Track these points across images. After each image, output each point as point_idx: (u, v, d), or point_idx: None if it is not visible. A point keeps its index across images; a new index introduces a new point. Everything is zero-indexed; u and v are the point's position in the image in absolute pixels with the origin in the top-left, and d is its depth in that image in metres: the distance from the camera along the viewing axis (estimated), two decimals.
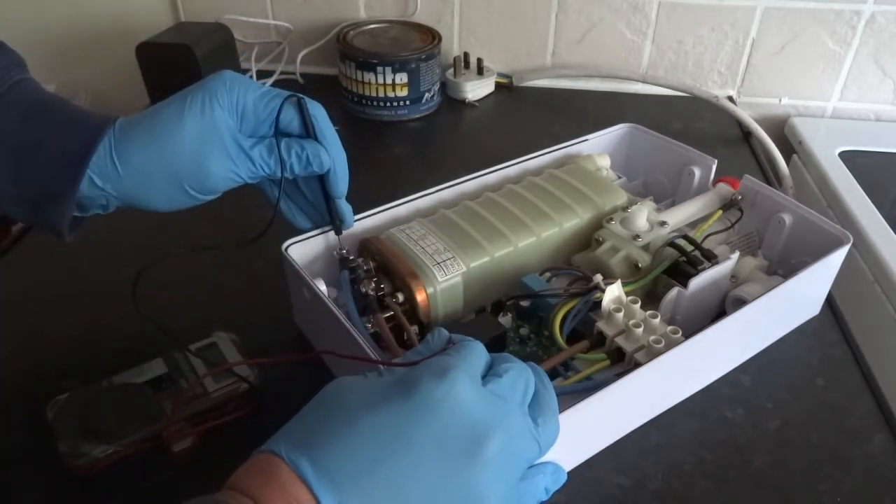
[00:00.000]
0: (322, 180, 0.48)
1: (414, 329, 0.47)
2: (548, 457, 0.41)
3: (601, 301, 0.47)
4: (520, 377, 0.33)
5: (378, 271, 0.50)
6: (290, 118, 0.44)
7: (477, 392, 0.31)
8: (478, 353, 0.33)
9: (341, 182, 0.48)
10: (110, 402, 0.45)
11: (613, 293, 0.48)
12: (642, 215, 0.54)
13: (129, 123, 0.41)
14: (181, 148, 0.40)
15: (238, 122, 0.43)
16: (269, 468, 0.28)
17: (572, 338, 0.48)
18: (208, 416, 0.45)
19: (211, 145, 0.41)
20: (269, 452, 0.28)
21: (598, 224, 0.55)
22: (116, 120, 0.41)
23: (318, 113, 0.46)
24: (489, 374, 0.33)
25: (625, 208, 0.55)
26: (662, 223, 0.54)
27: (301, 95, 0.45)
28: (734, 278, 0.53)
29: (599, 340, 0.47)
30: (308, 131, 0.45)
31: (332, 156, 0.46)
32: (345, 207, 0.50)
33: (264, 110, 0.43)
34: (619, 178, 0.65)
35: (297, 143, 0.45)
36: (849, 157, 0.85)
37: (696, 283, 0.49)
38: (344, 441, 0.28)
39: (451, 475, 0.29)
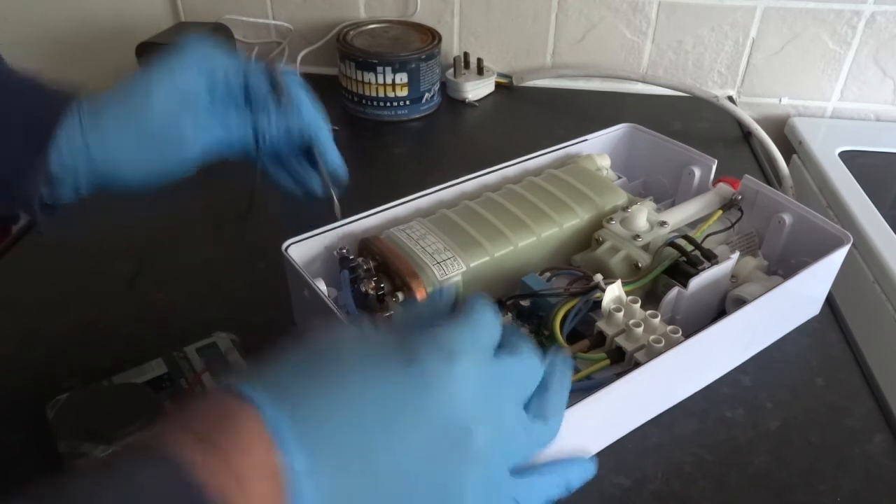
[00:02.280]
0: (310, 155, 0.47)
1: None
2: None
3: (601, 301, 0.47)
4: (527, 370, 0.30)
5: (378, 271, 0.50)
6: (261, 86, 0.43)
7: (479, 380, 0.27)
8: (489, 328, 0.29)
9: (328, 152, 0.47)
10: (111, 401, 0.45)
11: (613, 293, 0.48)
12: (642, 215, 0.54)
13: (99, 95, 0.40)
14: (152, 113, 0.39)
15: (209, 88, 0.41)
16: (233, 414, 0.23)
17: (572, 337, 0.48)
18: None
19: (182, 109, 0.40)
20: (238, 396, 0.24)
21: (598, 224, 0.55)
22: (84, 92, 0.40)
23: (290, 80, 0.44)
24: (498, 352, 0.29)
25: (625, 208, 0.55)
26: (662, 223, 0.54)
27: (274, 63, 0.44)
28: (734, 278, 0.53)
29: (599, 340, 0.47)
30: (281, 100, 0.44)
31: (307, 123, 0.44)
32: (334, 163, 0.48)
33: (235, 77, 0.42)
34: (619, 178, 0.65)
35: (272, 110, 0.43)
36: (849, 157, 0.85)
37: (696, 282, 0.49)
38: (333, 403, 0.24)
39: (432, 462, 0.26)
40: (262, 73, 0.43)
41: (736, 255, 0.51)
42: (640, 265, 0.51)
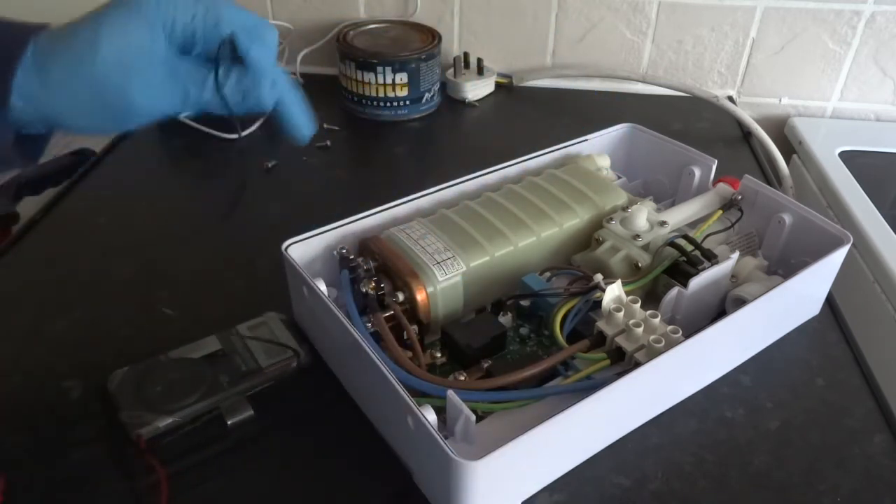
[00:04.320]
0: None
1: (414, 328, 0.47)
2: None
3: (601, 301, 0.47)
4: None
5: (378, 271, 0.50)
6: (225, 44, 0.39)
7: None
8: None
9: (300, 125, 0.43)
10: (168, 375, 0.47)
11: (613, 293, 0.48)
12: (642, 215, 0.54)
13: (55, 37, 0.37)
14: (99, 70, 0.36)
15: (166, 41, 0.37)
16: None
17: (572, 337, 0.48)
18: (262, 390, 0.48)
19: (132, 70, 0.36)
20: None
21: (598, 224, 0.55)
22: (41, 31, 0.37)
23: (256, 48, 0.40)
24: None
25: (625, 208, 0.55)
26: (662, 223, 0.54)
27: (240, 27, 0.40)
28: (734, 278, 0.53)
29: (599, 340, 0.47)
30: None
31: (277, 92, 0.41)
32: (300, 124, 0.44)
33: (200, 31, 0.38)
34: (619, 178, 0.65)
35: (237, 72, 0.39)
36: (849, 157, 0.85)
37: (696, 282, 0.49)
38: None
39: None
40: (226, 29, 0.39)
41: (736, 255, 0.51)
42: (640, 265, 0.51)
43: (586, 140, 0.65)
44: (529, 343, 0.51)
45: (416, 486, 0.43)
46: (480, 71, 0.93)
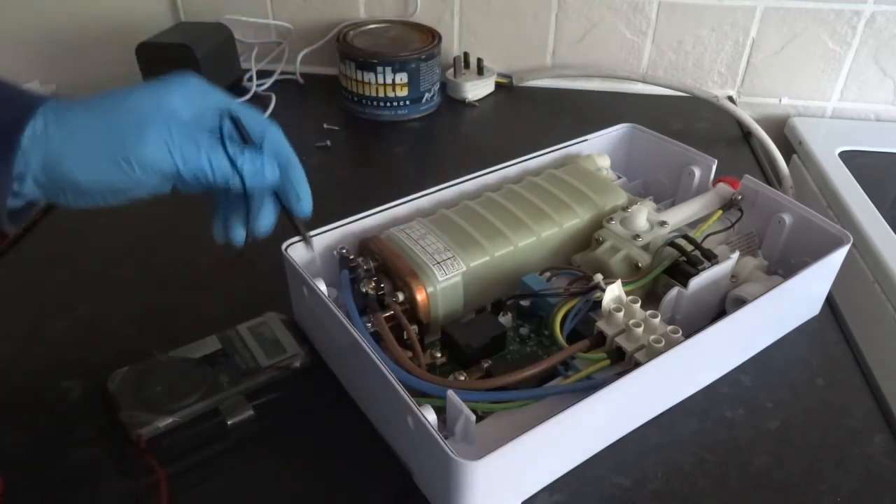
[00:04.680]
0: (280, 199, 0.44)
1: (414, 328, 0.47)
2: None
3: (601, 301, 0.47)
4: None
5: (378, 271, 0.50)
6: (247, 121, 0.41)
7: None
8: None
9: (304, 198, 0.43)
10: (168, 375, 0.47)
11: (613, 293, 0.48)
12: (642, 215, 0.54)
13: (71, 100, 0.38)
14: (121, 112, 0.37)
15: (193, 113, 0.39)
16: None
17: (572, 337, 0.48)
18: (262, 390, 0.48)
19: (154, 117, 0.37)
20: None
21: (598, 224, 0.55)
22: (51, 97, 0.37)
23: (273, 130, 0.42)
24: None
25: (625, 208, 0.55)
26: (662, 223, 0.54)
27: (250, 110, 0.42)
28: (734, 278, 0.53)
29: (599, 340, 0.47)
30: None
31: (282, 158, 0.42)
32: (305, 201, 0.44)
33: (215, 106, 0.40)
34: (619, 178, 0.65)
35: (250, 149, 0.41)
36: (849, 157, 0.85)
37: (696, 282, 0.49)
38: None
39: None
40: (242, 111, 0.41)
41: (736, 255, 0.51)
42: (640, 265, 0.51)
43: (586, 140, 0.65)
44: (529, 343, 0.51)
45: (416, 486, 0.43)
46: (480, 71, 0.93)
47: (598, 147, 0.66)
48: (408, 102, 0.86)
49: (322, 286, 0.47)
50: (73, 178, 0.36)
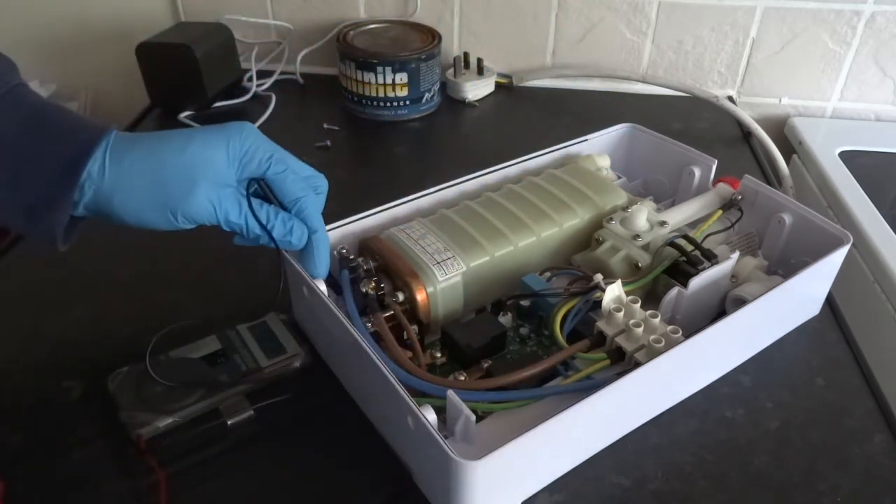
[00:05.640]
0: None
1: (414, 328, 0.47)
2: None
3: (601, 301, 0.47)
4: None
5: (378, 271, 0.50)
6: (284, 187, 0.44)
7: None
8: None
9: (319, 265, 0.47)
10: (167, 375, 0.47)
11: (613, 293, 0.48)
12: (642, 215, 0.54)
13: (132, 135, 0.41)
14: (175, 166, 0.40)
15: (238, 170, 0.42)
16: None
17: (572, 337, 0.48)
18: (262, 391, 0.48)
19: (205, 171, 0.40)
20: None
21: (598, 224, 0.55)
22: (113, 129, 0.40)
23: (302, 198, 0.45)
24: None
25: (625, 208, 0.55)
26: (662, 223, 0.54)
27: (316, 177, 0.46)
28: (734, 278, 0.53)
29: (599, 340, 0.47)
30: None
31: (313, 234, 0.45)
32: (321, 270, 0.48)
33: (262, 169, 0.43)
34: (619, 178, 0.65)
35: (284, 215, 0.44)
36: (849, 157, 0.85)
37: (696, 282, 0.49)
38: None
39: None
40: (282, 175, 0.44)
41: (736, 255, 0.51)
42: (640, 265, 0.51)
43: (586, 140, 0.65)
44: (529, 343, 0.51)
45: (416, 486, 0.43)
46: (480, 71, 0.93)
47: (598, 147, 0.66)
48: (408, 102, 0.86)
49: (322, 286, 0.47)
50: (120, 216, 0.40)
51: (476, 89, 0.93)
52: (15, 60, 0.42)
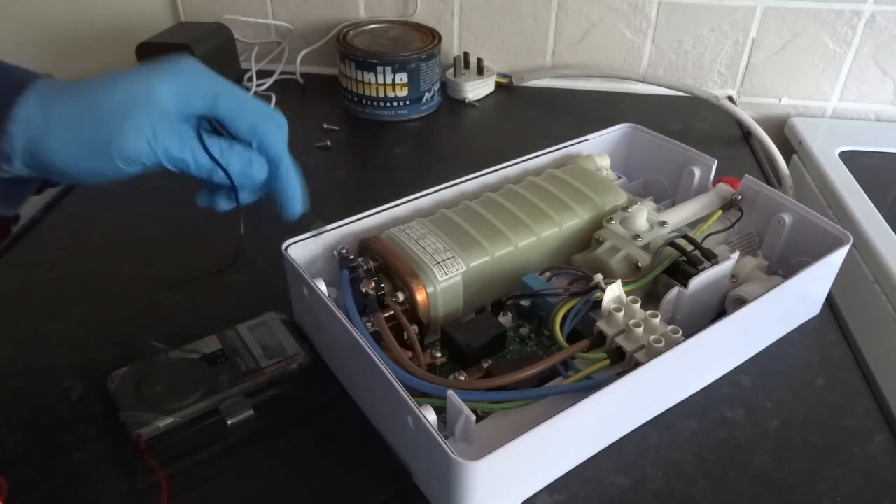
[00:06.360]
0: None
1: (414, 328, 0.47)
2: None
3: (601, 301, 0.47)
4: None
5: (378, 271, 0.50)
6: (235, 119, 0.40)
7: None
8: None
9: (293, 199, 0.43)
10: (167, 375, 0.47)
11: (613, 293, 0.48)
12: (642, 215, 0.54)
13: (61, 81, 0.38)
14: (107, 101, 0.36)
15: (179, 106, 0.38)
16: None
17: (572, 337, 0.48)
18: (262, 390, 0.48)
19: (138, 108, 0.36)
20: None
21: (598, 224, 0.55)
22: (44, 76, 0.37)
23: (258, 123, 0.40)
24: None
25: (625, 208, 0.55)
26: (662, 223, 0.54)
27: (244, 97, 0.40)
28: (734, 278, 0.53)
29: (599, 340, 0.47)
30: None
31: (279, 165, 0.41)
32: (291, 189, 0.43)
33: (208, 103, 0.39)
34: (619, 178, 0.65)
35: (238, 146, 0.40)
36: (849, 157, 0.85)
37: (696, 282, 0.49)
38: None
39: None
40: (233, 103, 0.40)
41: (736, 255, 0.51)
42: (640, 265, 0.51)
43: (586, 140, 0.65)
44: (529, 343, 0.51)
45: (416, 486, 0.43)
46: (480, 71, 0.93)
47: (598, 147, 0.66)
48: (408, 102, 0.86)
49: (322, 286, 0.47)
50: (58, 166, 0.36)
51: (476, 89, 0.93)
52: (15, 60, 0.41)
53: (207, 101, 0.39)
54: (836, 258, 0.52)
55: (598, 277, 0.49)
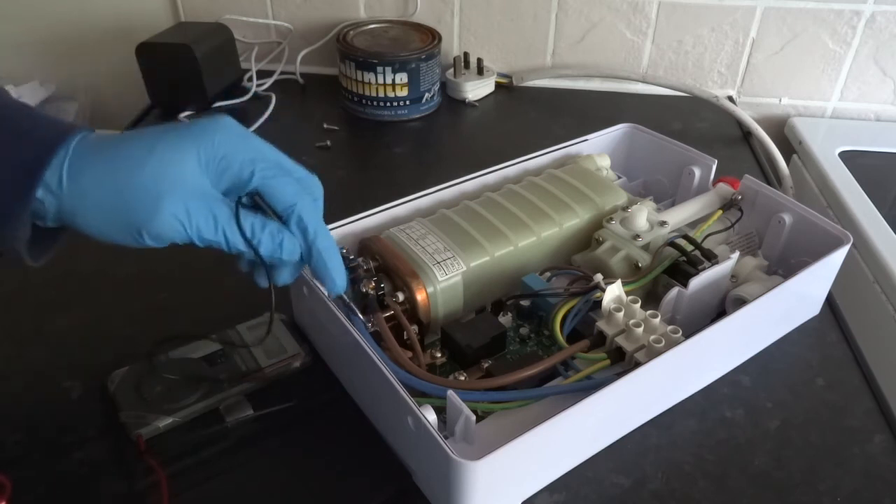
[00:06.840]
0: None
1: (414, 328, 0.47)
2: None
3: (601, 301, 0.47)
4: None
5: (378, 271, 0.50)
6: (277, 195, 0.39)
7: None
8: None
9: (336, 276, 0.42)
10: (169, 375, 0.47)
11: (613, 293, 0.48)
12: (642, 215, 0.54)
13: (95, 141, 0.36)
14: (136, 176, 0.35)
15: (215, 178, 0.37)
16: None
17: (572, 337, 0.48)
18: (262, 390, 0.48)
19: (170, 184, 0.35)
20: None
21: (598, 224, 0.55)
22: (79, 132, 0.36)
23: (297, 201, 0.39)
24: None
25: (625, 208, 0.55)
26: (662, 223, 0.54)
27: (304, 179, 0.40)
28: (734, 278, 0.53)
29: (599, 340, 0.47)
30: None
31: (316, 244, 0.40)
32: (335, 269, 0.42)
33: (245, 174, 0.38)
34: (619, 178, 0.65)
35: (271, 225, 0.39)
36: (849, 157, 0.85)
37: (696, 282, 0.49)
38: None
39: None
40: (272, 179, 0.38)
41: (736, 255, 0.51)
42: (640, 265, 0.51)
43: (586, 140, 0.65)
44: (529, 343, 0.51)
45: (416, 486, 0.43)
46: (480, 71, 0.93)
47: (598, 147, 0.66)
48: (408, 102, 0.86)
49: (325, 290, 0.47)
50: (87, 233, 0.36)
51: (476, 89, 0.93)
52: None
53: (245, 173, 0.37)
54: (836, 258, 0.52)
55: (598, 277, 0.49)
